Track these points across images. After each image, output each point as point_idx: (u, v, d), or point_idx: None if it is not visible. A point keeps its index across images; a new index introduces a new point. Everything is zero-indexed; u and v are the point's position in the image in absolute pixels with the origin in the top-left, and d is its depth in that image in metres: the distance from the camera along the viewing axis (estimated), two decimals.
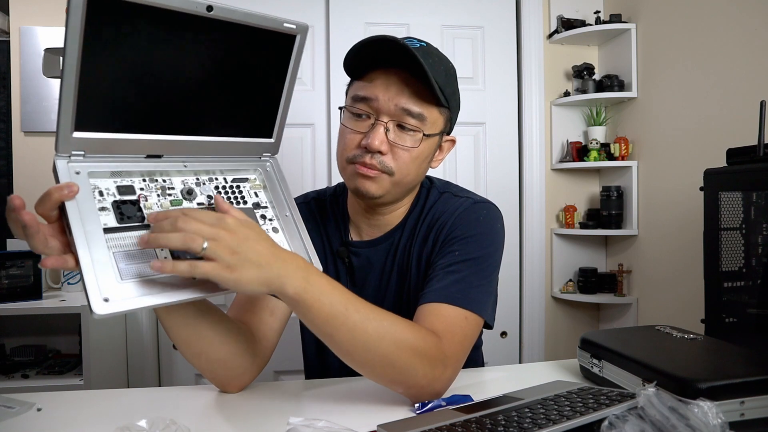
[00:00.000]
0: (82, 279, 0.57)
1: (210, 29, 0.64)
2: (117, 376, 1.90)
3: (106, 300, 0.56)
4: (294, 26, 0.70)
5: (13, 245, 1.80)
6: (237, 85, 0.71)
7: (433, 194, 0.95)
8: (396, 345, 0.70)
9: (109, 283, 0.57)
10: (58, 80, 1.90)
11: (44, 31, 1.93)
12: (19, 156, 1.94)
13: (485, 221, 0.89)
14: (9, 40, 1.93)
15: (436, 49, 0.88)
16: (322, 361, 0.99)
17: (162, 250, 0.62)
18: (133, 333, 2.00)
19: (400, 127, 0.83)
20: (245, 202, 0.74)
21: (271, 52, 0.71)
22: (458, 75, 0.91)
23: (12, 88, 1.93)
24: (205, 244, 0.58)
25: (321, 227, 0.99)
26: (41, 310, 1.63)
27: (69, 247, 0.59)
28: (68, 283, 1.84)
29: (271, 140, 0.78)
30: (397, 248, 0.94)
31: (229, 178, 0.74)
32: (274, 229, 0.75)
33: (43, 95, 1.94)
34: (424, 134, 0.84)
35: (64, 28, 0.55)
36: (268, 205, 0.76)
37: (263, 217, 0.75)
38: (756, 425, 0.64)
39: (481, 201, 0.93)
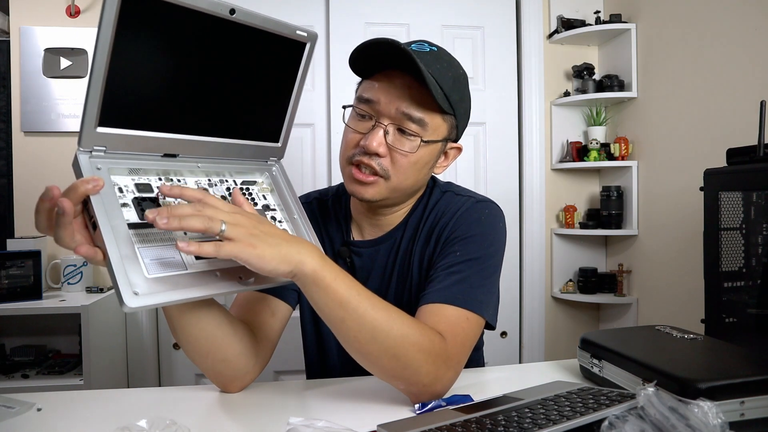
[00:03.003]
0: (111, 273, 0.57)
1: (228, 33, 0.66)
2: (117, 376, 1.90)
3: (136, 294, 0.57)
4: (305, 34, 0.73)
5: (13, 245, 1.80)
6: (249, 89, 0.73)
7: (436, 194, 0.95)
8: (402, 338, 0.71)
9: (138, 278, 0.58)
10: (59, 80, 1.92)
11: (44, 31, 1.93)
12: (19, 156, 1.95)
13: (487, 221, 0.89)
14: (9, 40, 1.93)
15: (449, 54, 0.87)
16: (323, 362, 0.99)
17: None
18: (133, 333, 2.00)
19: (400, 131, 0.83)
20: (255, 204, 0.75)
21: (282, 58, 0.73)
22: None
23: (12, 88, 1.93)
24: (224, 227, 0.60)
25: (322, 227, 0.99)
26: (41, 310, 1.64)
27: (92, 241, 0.60)
28: (68, 283, 1.84)
29: (278, 144, 0.80)
30: (398, 248, 0.93)
31: (239, 180, 0.76)
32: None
33: (43, 95, 1.94)
34: (422, 140, 0.83)
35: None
36: (276, 207, 0.77)
37: (273, 219, 0.76)
38: (756, 425, 0.64)
39: (482, 200, 0.93)
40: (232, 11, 0.64)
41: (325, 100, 2.11)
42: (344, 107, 0.89)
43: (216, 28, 0.64)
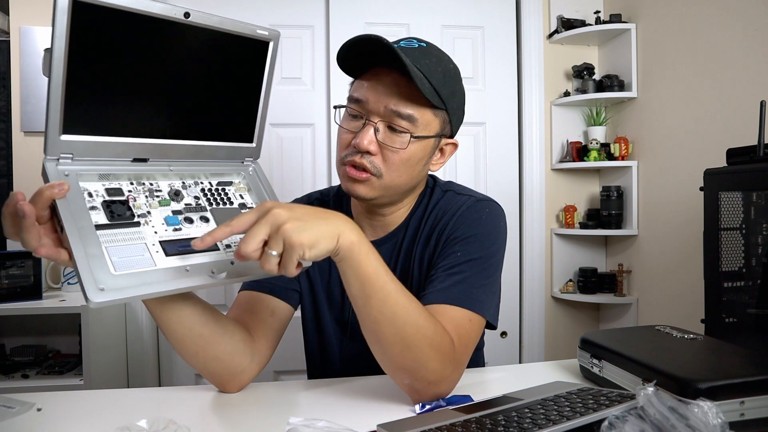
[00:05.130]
0: (76, 270, 0.57)
1: (191, 36, 0.67)
2: (117, 376, 1.90)
3: (102, 290, 0.57)
4: (266, 33, 0.74)
5: (13, 245, 1.80)
6: (217, 90, 0.73)
7: (437, 193, 0.95)
8: (418, 329, 0.71)
9: (104, 275, 0.58)
10: None
11: (44, 31, 1.93)
12: (19, 156, 1.94)
13: (487, 220, 0.89)
14: (9, 40, 1.93)
15: (438, 49, 0.87)
16: (324, 362, 0.99)
17: (153, 244, 0.64)
18: (133, 333, 2.00)
19: (391, 128, 0.83)
20: (231, 203, 0.76)
21: (247, 58, 0.74)
22: None
23: (12, 88, 1.93)
24: (274, 252, 0.60)
25: None
26: (41, 310, 1.63)
27: (61, 244, 0.60)
28: (68, 283, 1.84)
29: (252, 145, 0.80)
30: (400, 249, 0.93)
31: (214, 182, 0.76)
32: None
33: (43, 95, 1.92)
34: (412, 136, 0.82)
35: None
36: (253, 205, 0.78)
37: None
38: (756, 425, 0.64)
39: (483, 199, 0.93)
40: (187, 14, 0.64)
41: (325, 100, 2.11)
42: (335, 107, 0.90)
43: (175, 32, 0.65)
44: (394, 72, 0.81)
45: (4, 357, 1.80)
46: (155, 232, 0.66)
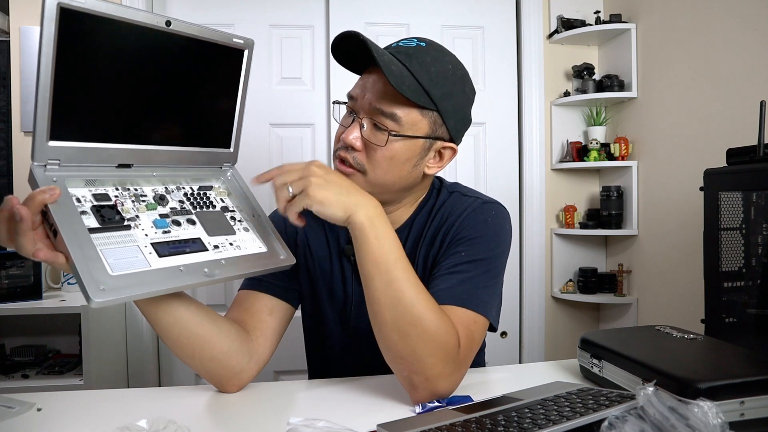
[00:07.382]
0: (75, 273, 0.58)
1: (170, 44, 0.69)
2: (117, 376, 1.90)
3: (102, 290, 0.58)
4: (242, 41, 0.77)
5: None
6: (196, 97, 0.76)
7: (443, 194, 0.95)
8: (420, 320, 0.71)
9: (103, 275, 0.60)
10: None
11: None
12: (19, 156, 1.94)
13: (493, 222, 0.88)
14: (9, 40, 1.93)
15: (440, 50, 0.85)
16: (325, 361, 0.99)
17: (146, 246, 0.67)
18: (133, 333, 2.00)
19: (376, 126, 0.82)
20: (213, 207, 0.78)
21: (224, 66, 0.77)
22: None
23: (12, 88, 1.93)
24: (290, 189, 0.71)
25: (326, 225, 0.98)
26: (41, 310, 1.63)
27: (56, 249, 0.61)
28: (68, 283, 1.84)
29: (230, 150, 0.83)
30: (404, 247, 0.93)
31: (195, 186, 0.79)
32: (245, 229, 0.79)
33: None
34: (390, 134, 0.81)
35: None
36: (235, 209, 0.80)
37: (233, 218, 0.79)
38: (756, 425, 0.64)
39: (489, 201, 0.92)
40: (168, 23, 0.67)
41: (325, 100, 2.11)
42: (334, 103, 0.92)
43: (157, 40, 0.67)
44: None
45: (4, 357, 1.79)
46: (146, 235, 0.68)
